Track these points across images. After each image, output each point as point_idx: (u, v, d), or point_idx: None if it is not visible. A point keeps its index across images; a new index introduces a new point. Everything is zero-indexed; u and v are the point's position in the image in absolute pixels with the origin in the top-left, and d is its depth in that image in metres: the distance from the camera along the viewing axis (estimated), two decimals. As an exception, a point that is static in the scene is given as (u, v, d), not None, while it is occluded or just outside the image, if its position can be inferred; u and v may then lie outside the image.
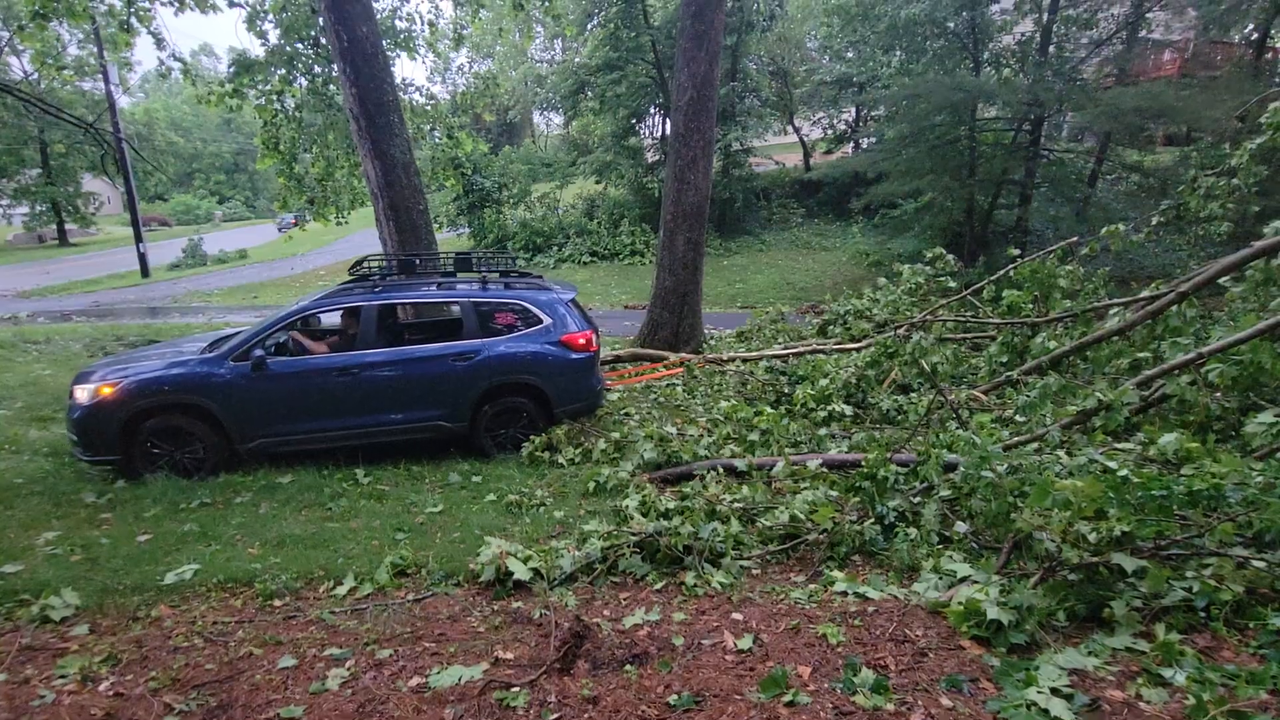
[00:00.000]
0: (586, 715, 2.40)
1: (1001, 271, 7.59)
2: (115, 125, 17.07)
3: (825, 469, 4.60)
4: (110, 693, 2.70)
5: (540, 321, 6.18)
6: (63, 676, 2.81)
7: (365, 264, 6.39)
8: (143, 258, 23.73)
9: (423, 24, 11.82)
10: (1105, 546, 2.91)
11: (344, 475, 5.31)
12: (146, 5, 9.37)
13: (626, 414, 6.99)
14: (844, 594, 3.19)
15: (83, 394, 5.28)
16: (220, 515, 4.60)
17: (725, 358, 8.68)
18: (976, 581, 2.98)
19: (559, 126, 42.99)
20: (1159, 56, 20.03)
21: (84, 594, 3.48)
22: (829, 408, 6.29)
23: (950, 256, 7.75)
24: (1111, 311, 6.52)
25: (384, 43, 8.65)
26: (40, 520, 4.52)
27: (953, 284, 7.98)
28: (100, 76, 24.60)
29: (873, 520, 3.78)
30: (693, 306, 10.10)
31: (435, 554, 3.90)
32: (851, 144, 26.41)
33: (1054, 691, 2.30)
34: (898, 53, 19.73)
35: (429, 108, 12.34)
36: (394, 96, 8.24)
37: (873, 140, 23.87)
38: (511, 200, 24.19)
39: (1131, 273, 13.49)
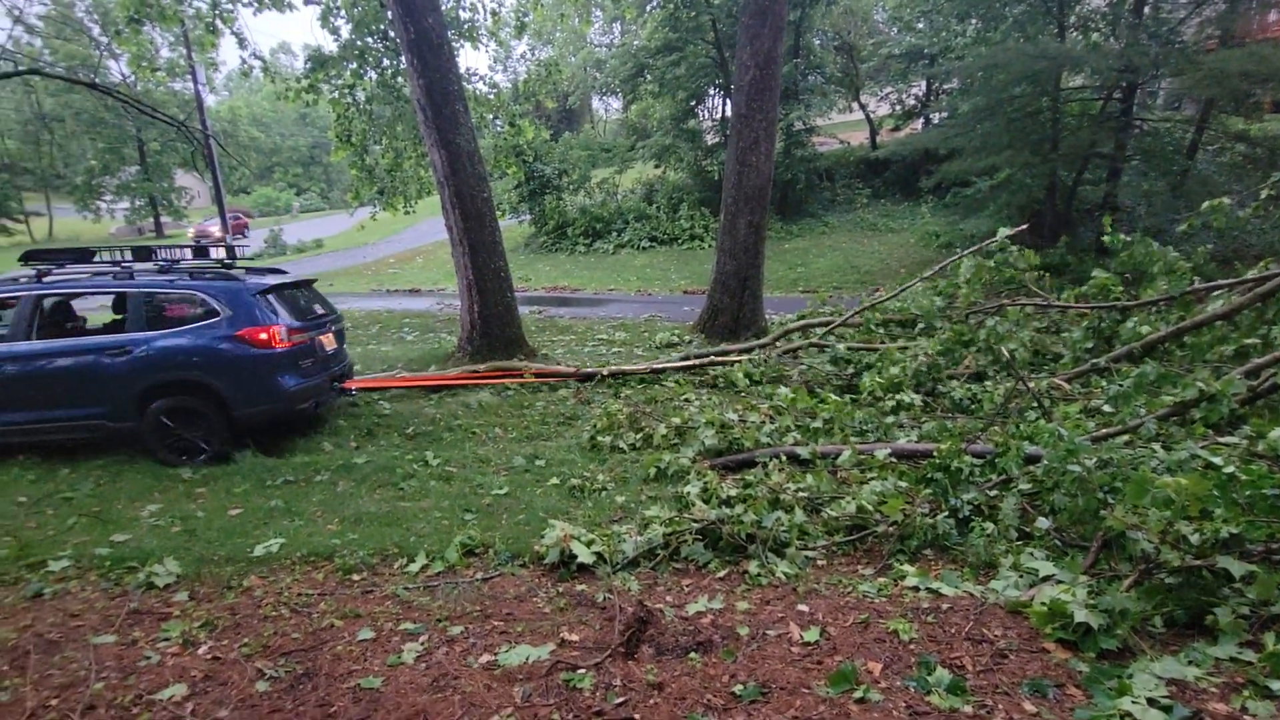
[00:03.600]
0: (652, 701, 2.42)
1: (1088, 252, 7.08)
2: (203, 123, 18.12)
3: (894, 459, 4.45)
4: (208, 656, 2.90)
5: (216, 314, 5.63)
6: (166, 639, 3.04)
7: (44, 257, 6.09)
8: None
9: (485, 13, 11.97)
10: (1209, 549, 2.70)
11: (415, 457, 5.51)
12: (229, 7, 9.85)
13: (686, 400, 6.96)
14: (915, 589, 3.08)
15: None
16: (302, 492, 4.86)
17: (605, 373, 7.70)
18: (1061, 581, 2.82)
19: (617, 111, 42.92)
20: (1265, 17, 18.17)
21: (183, 563, 3.75)
22: (897, 396, 6.07)
23: (1015, 247, 7.23)
24: (1215, 294, 6.01)
25: (449, 33, 8.81)
26: (144, 494, 4.89)
27: (1028, 270, 7.46)
28: (189, 77, 26.14)
29: (946, 513, 3.62)
30: (754, 291, 9.93)
31: (501, 535, 4.00)
32: (921, 120, 25.21)
33: (1150, 702, 2.15)
34: (973, 21, 18.61)
35: (491, 97, 12.52)
36: (459, 87, 8.39)
37: (945, 115, 22.69)
38: (571, 186, 24.35)
39: (1236, 251, 12.37)
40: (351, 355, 7.71)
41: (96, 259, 6.30)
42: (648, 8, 22.29)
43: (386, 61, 11.19)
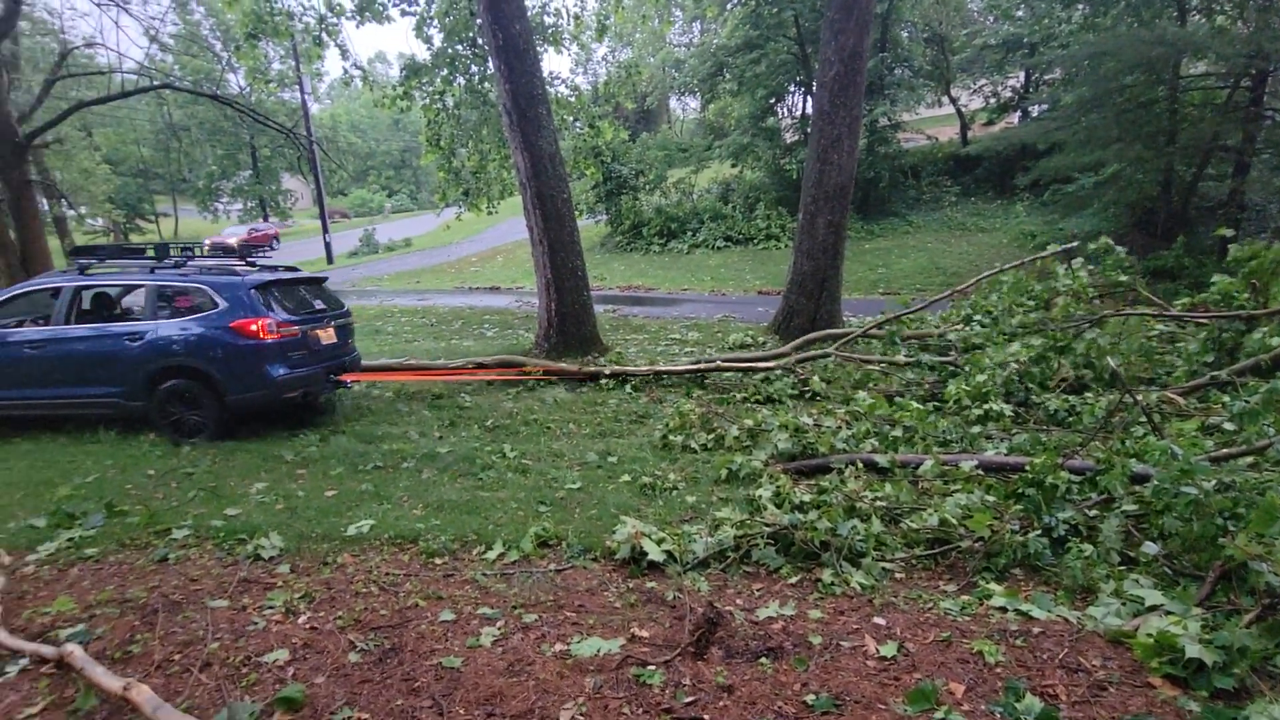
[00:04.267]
0: (721, 703, 2.41)
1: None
2: (308, 130, 19.50)
3: (981, 471, 4.23)
4: (307, 626, 3.13)
5: (215, 306, 6.11)
6: (271, 607, 3.30)
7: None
8: (328, 246, 27.01)
9: (568, 18, 12.24)
10: (1350, 587, 2.43)
11: (493, 449, 5.71)
12: (334, 21, 10.53)
13: (757, 402, 6.87)
14: (1003, 610, 2.93)
15: None
16: (390, 478, 5.14)
17: (629, 370, 7.70)
18: (1171, 612, 2.61)
19: (695, 111, 42.80)
20: None
21: (286, 538, 4.05)
22: (985, 406, 5.76)
23: (1121, 249, 6.65)
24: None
25: (534, 38, 9.07)
26: (253, 473, 5.31)
27: (1124, 277, 6.82)
28: (296, 87, 28.12)
29: (1039, 532, 3.41)
30: (831, 292, 9.68)
31: (574, 528, 4.09)
32: (1018, 113, 23.76)
33: (1273, 750, 1.96)
34: (1080, 6, 17.35)
35: (572, 99, 12.79)
36: (542, 90, 8.62)
37: (1045, 108, 21.28)
38: (648, 186, 24.51)
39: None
40: (414, 349, 8.05)
41: (142, 256, 6.95)
42: (729, 5, 22.12)
43: (475, 68, 11.66)
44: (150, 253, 6.92)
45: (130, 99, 14.83)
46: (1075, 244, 6.84)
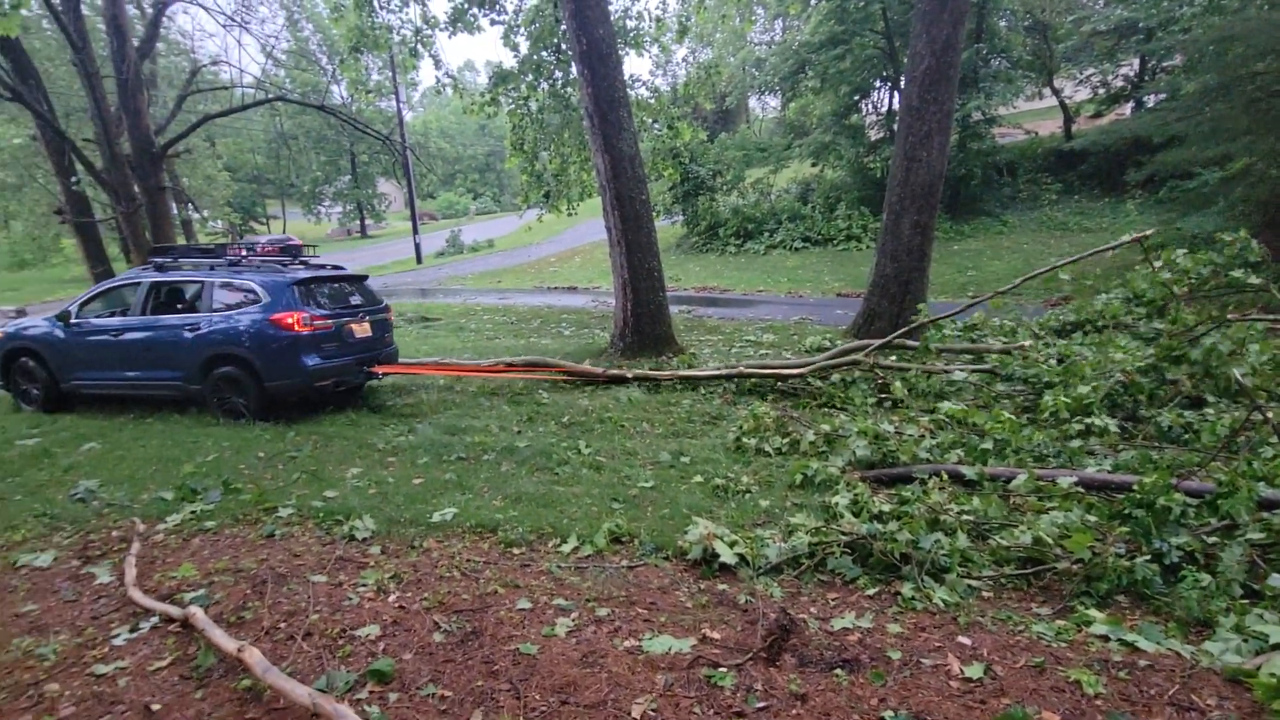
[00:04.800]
0: (794, 711, 2.38)
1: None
2: (403, 137, 20.61)
3: (1081, 488, 3.95)
4: (396, 604, 3.32)
5: (260, 300, 6.69)
6: (364, 585, 3.52)
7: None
8: (417, 247, 28.43)
9: (650, 20, 12.35)
10: None
11: (569, 445, 5.85)
12: (429, 32, 11.08)
13: (834, 407, 6.69)
14: (1104, 639, 2.73)
15: None
16: (472, 469, 5.36)
17: (664, 375, 7.66)
18: (1302, 653, 2.36)
19: (775, 110, 42.10)
20: None
21: (377, 521, 4.32)
22: (1087, 420, 5.37)
23: (1256, 243, 5.96)
24: None
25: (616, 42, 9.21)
26: (348, 459, 5.68)
27: (1255, 279, 6.06)
28: (393, 96, 29.74)
29: (1148, 557, 3.15)
30: (916, 295, 9.28)
31: (646, 526, 4.14)
32: (1130, 104, 21.95)
33: None
34: (1206, -14, 15.85)
35: (652, 101, 12.89)
36: (623, 93, 8.75)
37: (1162, 97, 19.56)
38: (725, 187, 24.32)
39: None
40: (468, 345, 8.31)
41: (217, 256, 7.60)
42: (812, 1, 21.62)
43: (558, 73, 11.97)
44: (214, 252, 7.72)
45: (248, 111, 16.14)
46: (1151, 232, 6.12)
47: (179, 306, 7.48)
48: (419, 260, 28.26)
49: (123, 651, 3.05)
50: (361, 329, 7.35)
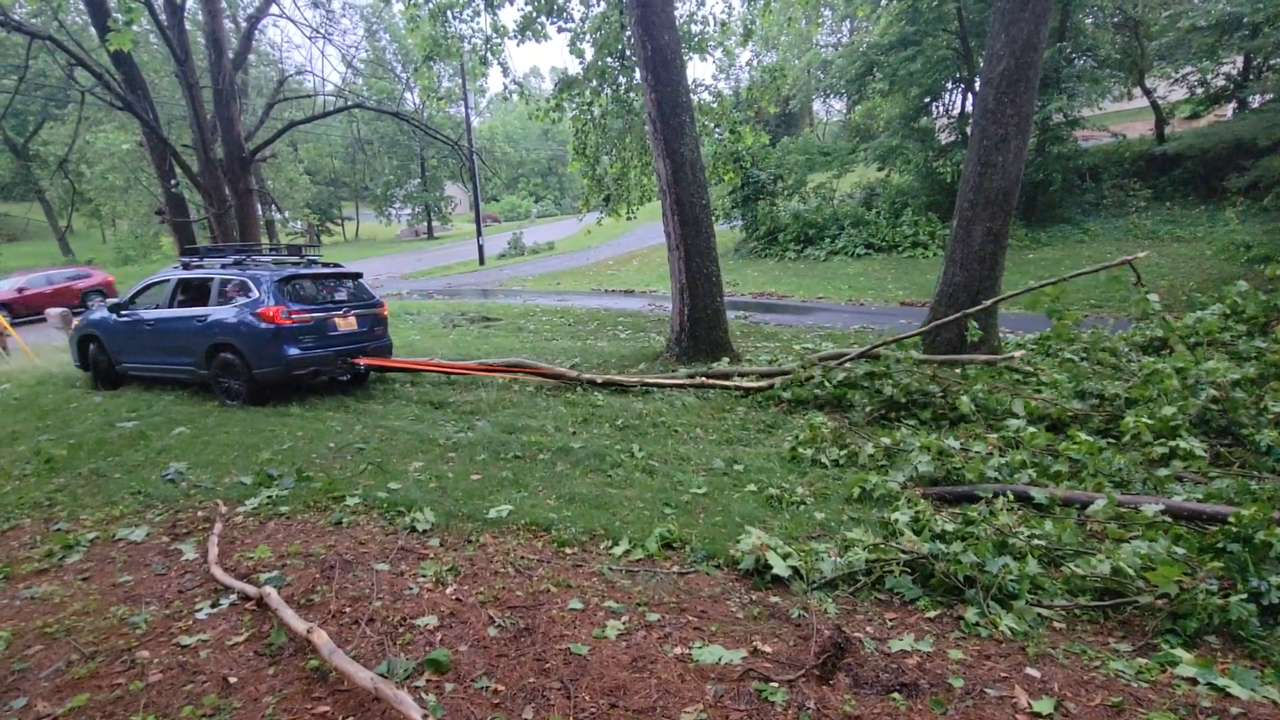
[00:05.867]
0: (847, 731, 2.32)
1: None
2: (470, 142, 21.28)
3: (1168, 518, 3.70)
4: (453, 597, 3.42)
5: (251, 294, 7.45)
6: (423, 576, 3.64)
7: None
8: (480, 249, 29.22)
9: (715, 24, 12.31)
10: None
11: (622, 448, 5.89)
12: (498, 41, 11.40)
13: (898, 420, 6.48)
14: (1192, 681, 2.54)
15: (70, 329, 8.69)
16: (527, 468, 5.47)
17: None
18: None
19: (839, 113, 41.24)
20: None
21: (437, 514, 4.46)
22: (1173, 443, 5.01)
23: None
24: None
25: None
26: (411, 453, 5.89)
27: None
28: (462, 102, 30.73)
29: (1244, 596, 2.92)
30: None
31: (698, 533, 4.11)
32: (1232, 105, 20.41)
33: None
34: (1325, -25, 14.58)
35: (715, 105, 12.84)
36: (686, 98, 8.75)
37: (1269, 98, 18.10)
38: (786, 191, 23.97)
39: None
40: (512, 344, 8.42)
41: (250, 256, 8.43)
42: (882, 2, 21.07)
43: (622, 79, 12.08)
44: (226, 252, 8.60)
45: (328, 117, 17.01)
46: (1144, 254, 5.76)
47: (195, 300, 8.30)
48: (481, 261, 29.04)
49: (205, 625, 3.26)
50: (346, 323, 7.99)
